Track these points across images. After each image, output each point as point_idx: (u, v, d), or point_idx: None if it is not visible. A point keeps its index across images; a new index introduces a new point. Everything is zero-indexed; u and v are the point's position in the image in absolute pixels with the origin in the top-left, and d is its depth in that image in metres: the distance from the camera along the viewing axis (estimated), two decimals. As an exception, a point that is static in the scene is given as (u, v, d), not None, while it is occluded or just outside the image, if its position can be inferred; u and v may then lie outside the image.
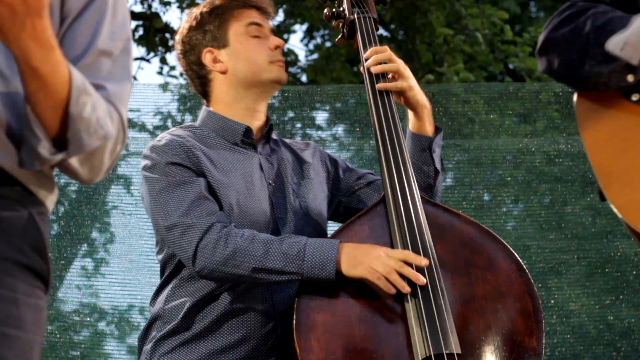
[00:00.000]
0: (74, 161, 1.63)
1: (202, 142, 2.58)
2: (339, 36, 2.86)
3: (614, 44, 1.96)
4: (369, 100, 2.64)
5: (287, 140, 2.78)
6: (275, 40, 2.65)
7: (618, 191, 1.89)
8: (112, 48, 1.70)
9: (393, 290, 2.33)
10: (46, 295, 1.64)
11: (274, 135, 2.73)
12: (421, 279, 2.32)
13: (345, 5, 2.82)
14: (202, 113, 2.68)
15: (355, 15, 2.78)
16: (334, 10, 2.85)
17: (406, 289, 2.32)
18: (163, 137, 2.57)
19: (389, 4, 2.94)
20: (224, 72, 2.63)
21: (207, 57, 2.64)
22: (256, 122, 2.66)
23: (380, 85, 2.63)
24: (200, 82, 2.68)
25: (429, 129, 2.66)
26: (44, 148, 1.57)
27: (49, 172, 1.67)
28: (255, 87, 2.63)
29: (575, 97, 2.07)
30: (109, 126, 1.64)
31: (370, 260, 2.35)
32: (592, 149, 1.97)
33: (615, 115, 2.01)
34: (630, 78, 1.96)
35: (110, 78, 1.68)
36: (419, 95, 2.65)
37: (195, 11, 2.68)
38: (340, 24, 2.84)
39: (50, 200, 1.67)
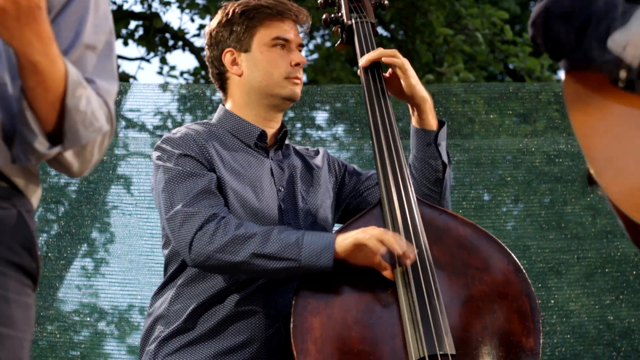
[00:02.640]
0: (68, 155, 1.64)
1: (217, 139, 2.58)
2: (338, 42, 2.86)
3: (616, 42, 1.92)
4: (366, 103, 2.64)
5: (298, 147, 2.78)
6: (297, 57, 2.63)
7: (612, 178, 1.87)
8: (96, 42, 1.71)
9: (382, 250, 2.32)
10: (34, 293, 1.65)
11: (286, 141, 2.74)
12: (411, 254, 2.33)
13: (343, 10, 2.81)
14: (218, 111, 2.69)
15: (353, 20, 2.77)
16: (332, 15, 2.84)
17: (397, 250, 2.32)
18: (179, 130, 2.58)
19: (388, 5, 2.93)
20: (239, 75, 2.64)
21: (226, 57, 2.65)
22: (270, 129, 2.66)
23: (372, 55, 2.63)
24: (218, 77, 2.69)
25: (432, 122, 2.65)
26: (40, 143, 1.59)
27: (35, 169, 1.68)
28: (267, 99, 2.63)
29: (563, 76, 2.03)
30: (102, 119, 1.66)
31: (363, 229, 2.36)
32: (581, 131, 1.94)
33: (606, 98, 1.97)
34: (622, 74, 1.93)
35: (97, 73, 1.69)
36: (419, 86, 2.64)
37: (230, 7, 2.67)
38: (339, 29, 2.83)
39: (35, 198, 1.68)
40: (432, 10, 8.26)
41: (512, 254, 2.45)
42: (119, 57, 9.50)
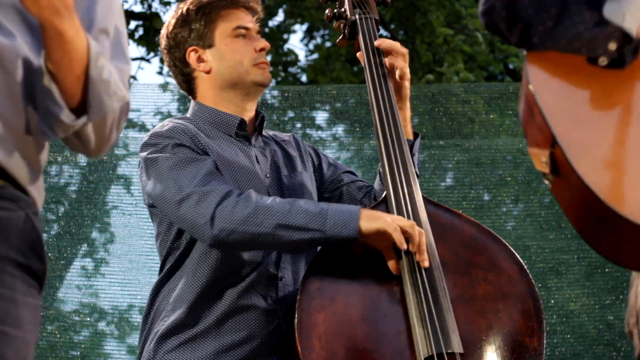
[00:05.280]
0: (89, 129, 1.67)
1: (201, 131, 2.57)
2: (340, 37, 2.87)
3: (613, 12, 1.82)
4: (371, 101, 2.64)
5: (270, 132, 2.77)
6: (260, 42, 2.64)
7: (591, 167, 1.79)
8: (107, 26, 1.73)
9: (404, 245, 2.32)
10: (40, 294, 1.65)
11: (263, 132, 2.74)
12: (424, 249, 2.34)
13: (346, 6, 2.82)
14: (192, 107, 2.67)
15: (357, 16, 2.78)
16: (335, 11, 2.85)
17: (421, 250, 2.33)
18: (165, 124, 2.56)
19: (390, 1, 2.94)
20: (207, 72, 2.63)
21: (191, 56, 2.63)
22: (246, 117, 2.65)
23: (378, 42, 2.65)
24: (184, 79, 2.67)
25: (410, 132, 2.70)
26: (67, 116, 1.62)
27: (40, 169, 1.68)
28: (239, 88, 2.62)
29: (525, 61, 1.90)
30: (124, 89, 1.69)
31: (390, 216, 2.36)
32: (552, 116, 1.85)
33: (577, 81, 1.86)
34: (612, 46, 1.85)
35: (111, 56, 1.71)
36: (408, 91, 2.68)
37: (182, 7, 2.66)
38: (342, 25, 2.84)
39: (40, 199, 1.69)
40: (432, 10, 8.27)
41: (517, 254, 2.45)
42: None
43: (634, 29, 1.82)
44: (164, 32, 2.69)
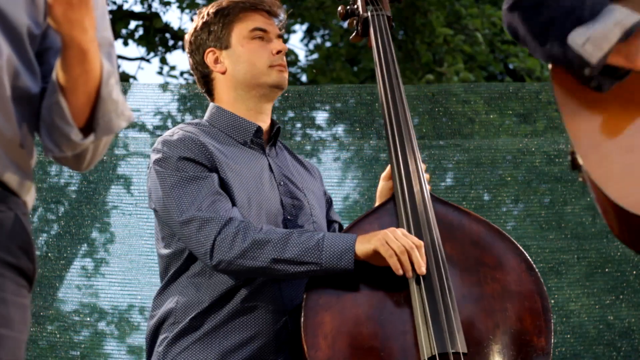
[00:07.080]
0: (90, 147, 1.66)
1: (213, 139, 2.58)
2: (353, 34, 2.90)
3: (577, 38, 1.88)
4: (381, 99, 2.65)
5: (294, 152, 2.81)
6: (277, 45, 2.65)
7: (597, 163, 1.86)
8: (100, 39, 1.70)
9: (401, 272, 2.33)
10: (30, 294, 1.65)
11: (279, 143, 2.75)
12: (423, 268, 2.33)
13: (359, 3, 2.85)
14: (210, 109, 2.69)
15: (369, 13, 2.81)
16: (348, 8, 2.89)
17: (409, 273, 2.33)
18: (175, 132, 2.57)
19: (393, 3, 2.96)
20: (223, 73, 2.65)
21: (209, 57, 2.66)
22: (263, 124, 2.67)
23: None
24: (204, 81, 2.70)
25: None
26: (76, 134, 1.61)
27: (29, 170, 1.67)
28: (255, 90, 2.64)
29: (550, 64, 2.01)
30: (129, 109, 1.69)
31: (384, 234, 2.36)
32: (569, 116, 1.91)
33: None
34: (586, 72, 1.90)
35: None
36: None
37: (204, 11, 2.71)
38: (355, 22, 2.87)
39: (30, 199, 1.68)
40: (432, 10, 8.27)
41: (525, 252, 2.45)
42: (119, 57, 9.50)
43: (593, 59, 1.85)
44: (187, 37, 2.73)
